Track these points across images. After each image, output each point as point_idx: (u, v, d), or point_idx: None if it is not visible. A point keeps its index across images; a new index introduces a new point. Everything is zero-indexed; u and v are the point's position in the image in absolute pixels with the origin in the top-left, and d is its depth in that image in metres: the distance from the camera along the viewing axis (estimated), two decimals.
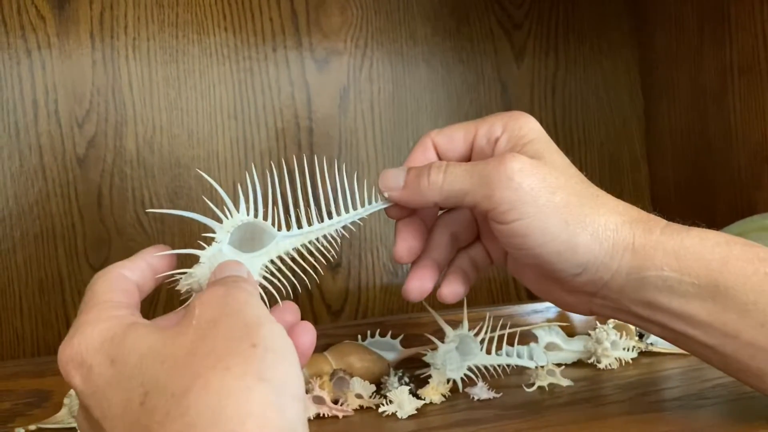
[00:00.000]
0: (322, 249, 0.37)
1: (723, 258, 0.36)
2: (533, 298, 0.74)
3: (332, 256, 0.37)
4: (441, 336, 0.52)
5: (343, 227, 0.38)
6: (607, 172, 0.81)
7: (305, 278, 0.36)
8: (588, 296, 0.39)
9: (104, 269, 0.32)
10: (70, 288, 0.62)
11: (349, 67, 0.71)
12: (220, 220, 0.34)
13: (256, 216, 0.35)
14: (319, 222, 0.37)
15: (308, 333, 0.32)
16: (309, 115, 0.69)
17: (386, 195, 0.39)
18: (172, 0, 0.65)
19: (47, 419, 0.48)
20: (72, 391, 0.48)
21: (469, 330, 0.52)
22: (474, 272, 0.43)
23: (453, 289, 0.42)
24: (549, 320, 0.61)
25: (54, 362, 0.51)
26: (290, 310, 0.34)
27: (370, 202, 0.39)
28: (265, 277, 0.35)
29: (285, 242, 0.36)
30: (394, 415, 0.46)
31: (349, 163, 0.71)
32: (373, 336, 0.56)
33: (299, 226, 0.36)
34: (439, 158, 0.40)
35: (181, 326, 0.28)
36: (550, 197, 0.36)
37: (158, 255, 0.34)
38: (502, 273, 0.75)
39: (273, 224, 0.35)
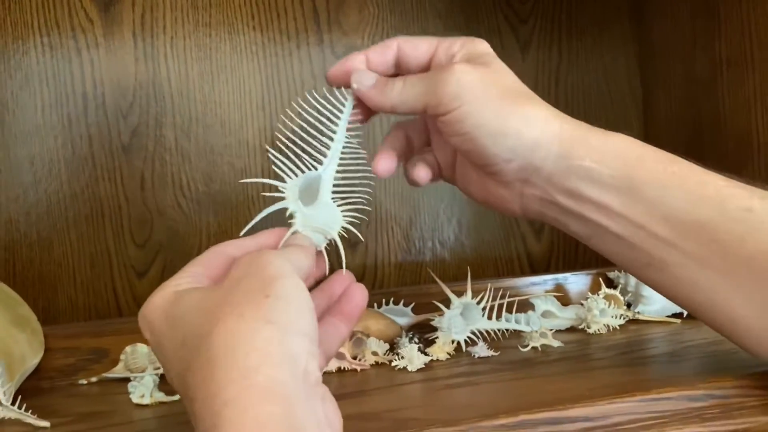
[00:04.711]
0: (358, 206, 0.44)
1: (639, 156, 0.41)
2: (534, 272, 0.81)
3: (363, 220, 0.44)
4: (448, 304, 0.58)
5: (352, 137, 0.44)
6: None
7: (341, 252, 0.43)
8: (520, 185, 0.43)
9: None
10: (117, 262, 0.70)
11: None
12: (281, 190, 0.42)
13: (303, 172, 0.43)
14: (330, 145, 0.44)
15: (359, 291, 0.41)
16: None
17: (355, 87, 0.44)
18: (205, 2, 0.72)
19: (106, 372, 0.56)
20: (127, 348, 0.55)
21: (473, 298, 0.58)
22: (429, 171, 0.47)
23: (418, 171, 0.46)
24: (546, 291, 0.67)
25: (109, 324, 0.60)
26: (340, 281, 0.41)
27: (342, 107, 0.44)
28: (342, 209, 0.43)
29: (328, 170, 0.43)
30: (405, 368, 0.52)
31: (365, 150, 0.77)
32: (387, 304, 0.62)
33: (324, 156, 0.43)
34: (399, 61, 0.45)
35: (218, 285, 0.35)
36: (486, 89, 0.41)
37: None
38: (507, 251, 0.82)
39: (310, 170, 0.43)
